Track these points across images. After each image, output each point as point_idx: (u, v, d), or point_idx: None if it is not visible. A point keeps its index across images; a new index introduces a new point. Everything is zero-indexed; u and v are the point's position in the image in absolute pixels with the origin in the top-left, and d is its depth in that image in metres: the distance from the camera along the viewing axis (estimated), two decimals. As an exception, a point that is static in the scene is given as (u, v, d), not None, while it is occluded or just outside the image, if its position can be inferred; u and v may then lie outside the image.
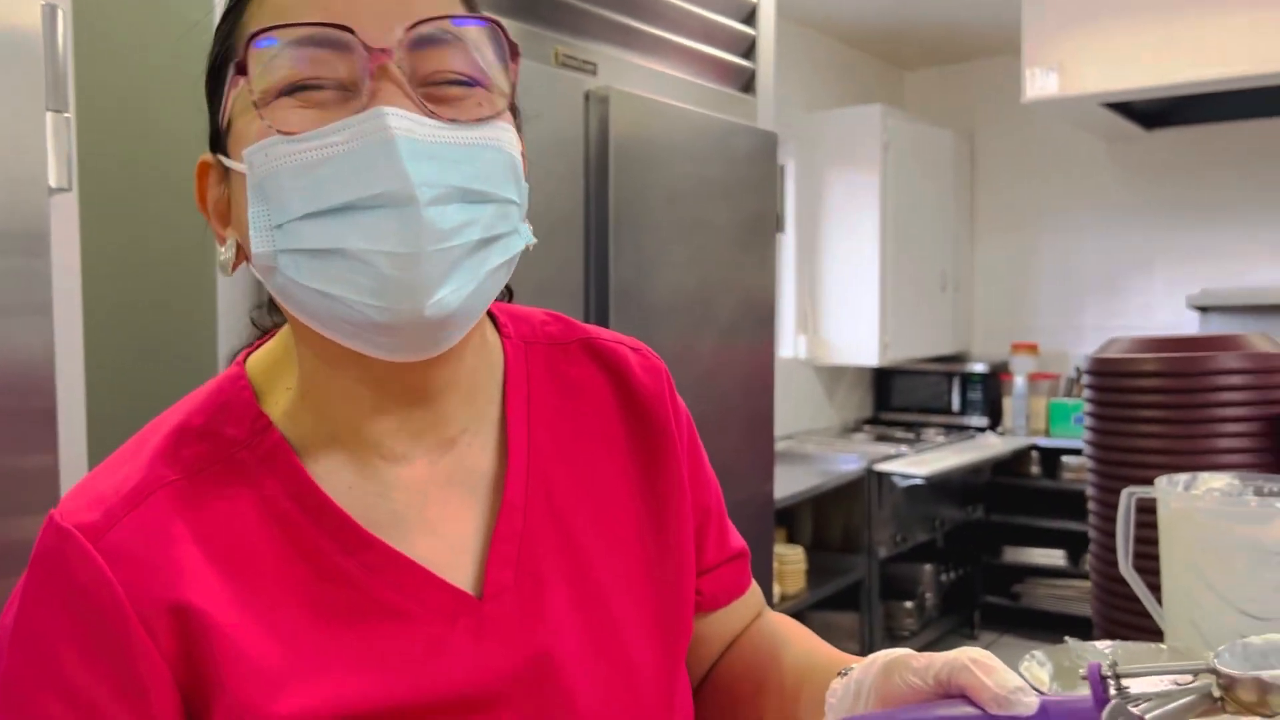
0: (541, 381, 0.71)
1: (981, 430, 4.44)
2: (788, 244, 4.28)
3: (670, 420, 0.75)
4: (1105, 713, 0.46)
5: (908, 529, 3.84)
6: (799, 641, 0.78)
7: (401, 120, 0.55)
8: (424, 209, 0.55)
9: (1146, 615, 1.19)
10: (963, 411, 4.51)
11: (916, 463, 3.67)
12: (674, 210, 2.03)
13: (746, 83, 2.36)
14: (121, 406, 1.31)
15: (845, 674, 0.61)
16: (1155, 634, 1.15)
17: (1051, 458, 4.29)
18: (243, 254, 0.62)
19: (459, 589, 0.63)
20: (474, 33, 0.60)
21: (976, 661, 0.53)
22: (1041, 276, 4.71)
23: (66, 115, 1.14)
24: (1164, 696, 0.46)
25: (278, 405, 0.65)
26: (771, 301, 2.41)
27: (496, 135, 0.60)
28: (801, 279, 4.33)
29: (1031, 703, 0.51)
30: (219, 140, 0.63)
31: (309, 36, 0.57)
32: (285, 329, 0.67)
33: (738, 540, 0.82)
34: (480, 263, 0.58)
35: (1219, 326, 4.02)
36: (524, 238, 0.62)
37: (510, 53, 0.62)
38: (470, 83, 0.60)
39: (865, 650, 3.61)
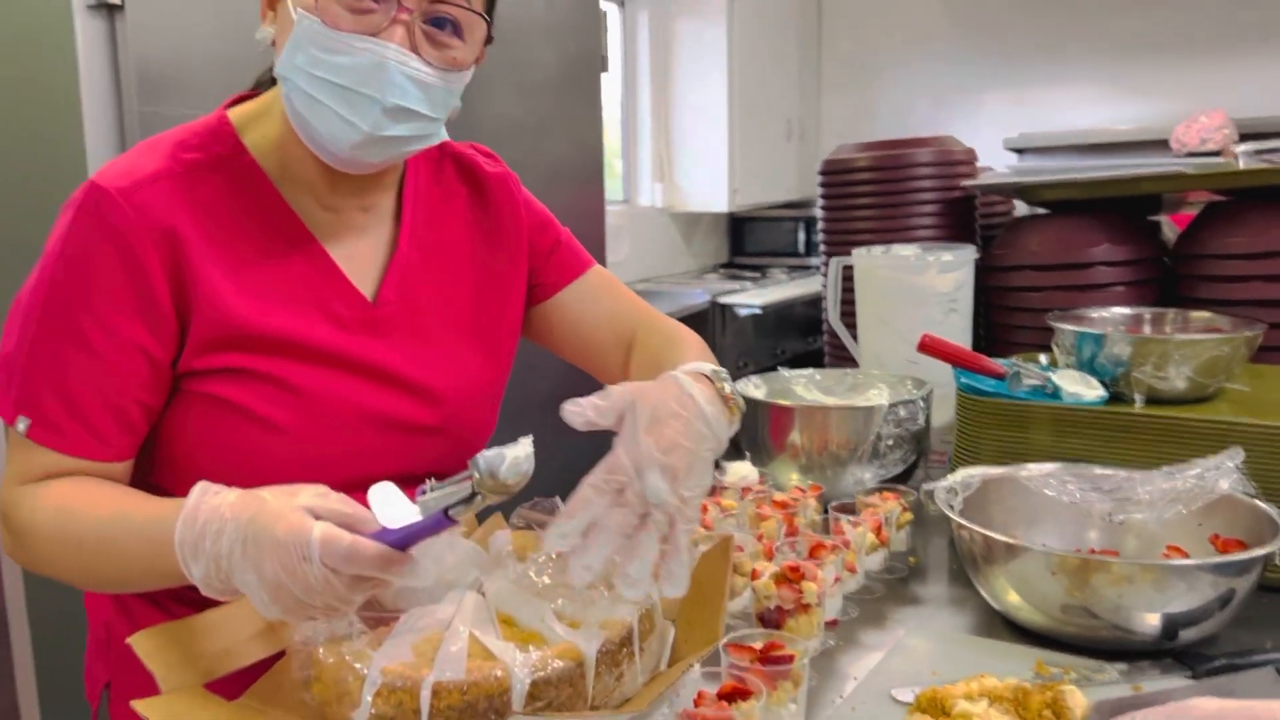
0: (423, 180, 1.04)
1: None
2: (642, 94, 4.48)
3: (512, 203, 1.08)
4: (419, 503, 0.71)
5: (750, 356, 4.21)
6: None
7: (396, 54, 0.85)
8: (383, 110, 0.86)
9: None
10: (808, 254, 4.86)
11: (756, 295, 4.01)
12: (498, 49, 2.22)
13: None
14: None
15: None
16: (855, 364, 1.49)
17: (885, 291, 4.67)
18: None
19: (363, 294, 0.97)
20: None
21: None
22: (879, 125, 5.03)
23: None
24: (451, 486, 0.70)
25: (254, 144, 0.94)
26: (599, 142, 2.64)
27: (452, 80, 0.89)
28: (657, 128, 4.55)
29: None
30: None
31: None
32: (269, 96, 0.95)
33: (557, 236, 1.14)
34: (403, 152, 0.92)
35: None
36: (439, 136, 0.93)
37: (489, 34, 0.93)
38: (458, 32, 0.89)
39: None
